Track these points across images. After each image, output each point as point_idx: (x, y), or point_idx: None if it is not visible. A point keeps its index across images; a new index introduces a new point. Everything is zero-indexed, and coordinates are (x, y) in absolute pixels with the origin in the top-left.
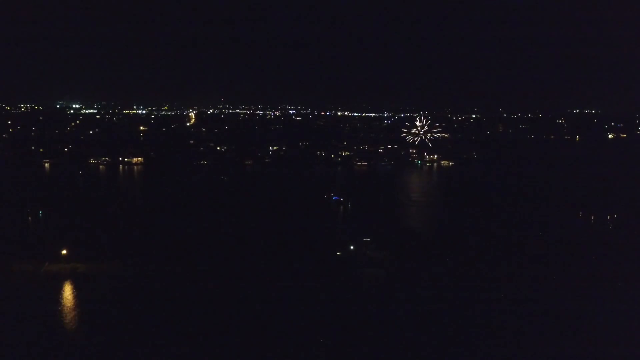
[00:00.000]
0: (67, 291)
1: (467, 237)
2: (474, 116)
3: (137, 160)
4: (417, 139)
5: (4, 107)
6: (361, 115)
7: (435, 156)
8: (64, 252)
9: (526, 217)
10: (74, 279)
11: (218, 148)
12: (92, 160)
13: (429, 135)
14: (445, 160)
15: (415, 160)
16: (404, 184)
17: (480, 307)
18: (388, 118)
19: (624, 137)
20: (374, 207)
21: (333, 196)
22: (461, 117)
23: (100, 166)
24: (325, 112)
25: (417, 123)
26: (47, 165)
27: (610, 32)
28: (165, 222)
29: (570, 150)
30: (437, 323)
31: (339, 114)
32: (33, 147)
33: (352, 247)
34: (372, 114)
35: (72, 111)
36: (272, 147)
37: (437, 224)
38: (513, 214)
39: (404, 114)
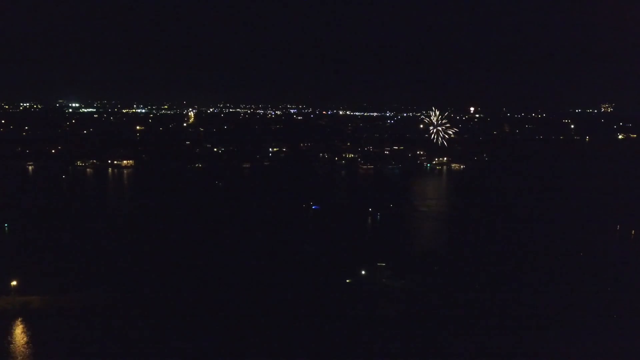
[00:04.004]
0: (17, 333)
1: (498, 259)
2: (477, 116)
3: (127, 163)
4: (436, 136)
5: (3, 105)
6: (363, 115)
7: (445, 159)
8: (14, 283)
9: (559, 233)
10: (26, 316)
11: (215, 149)
12: (79, 163)
13: (442, 134)
14: (455, 164)
15: (424, 163)
16: (417, 192)
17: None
18: (391, 118)
19: (634, 137)
20: (386, 221)
21: (313, 205)
22: (465, 117)
23: (88, 169)
24: (327, 112)
25: (433, 118)
26: (30, 168)
27: (612, 31)
28: (144, 240)
29: (584, 152)
30: None
31: (340, 113)
32: (19, 149)
33: (363, 273)
34: (375, 114)
35: (70, 110)
36: (272, 148)
37: (461, 242)
38: (544, 229)
39: (406, 113)
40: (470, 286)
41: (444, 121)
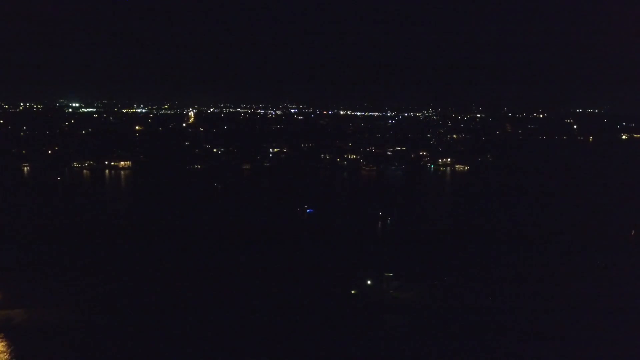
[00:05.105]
0: None
1: (510, 267)
2: (478, 115)
3: (125, 164)
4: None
5: (3, 105)
6: (364, 115)
7: (449, 160)
8: None
9: (573, 239)
10: (7, 332)
11: (215, 150)
12: (75, 164)
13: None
14: (459, 165)
15: (428, 165)
16: (422, 194)
17: None
18: (392, 117)
19: (637, 137)
20: (394, 225)
21: (307, 209)
22: (466, 117)
23: (84, 171)
24: (327, 112)
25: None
26: (25, 169)
27: (612, 31)
28: (138, 248)
29: (588, 153)
30: None
31: (341, 112)
32: (15, 150)
33: (369, 283)
34: (375, 113)
35: (70, 110)
36: (273, 148)
37: (472, 249)
38: (557, 235)
39: (407, 113)
40: (482, 297)
41: (447, 121)
